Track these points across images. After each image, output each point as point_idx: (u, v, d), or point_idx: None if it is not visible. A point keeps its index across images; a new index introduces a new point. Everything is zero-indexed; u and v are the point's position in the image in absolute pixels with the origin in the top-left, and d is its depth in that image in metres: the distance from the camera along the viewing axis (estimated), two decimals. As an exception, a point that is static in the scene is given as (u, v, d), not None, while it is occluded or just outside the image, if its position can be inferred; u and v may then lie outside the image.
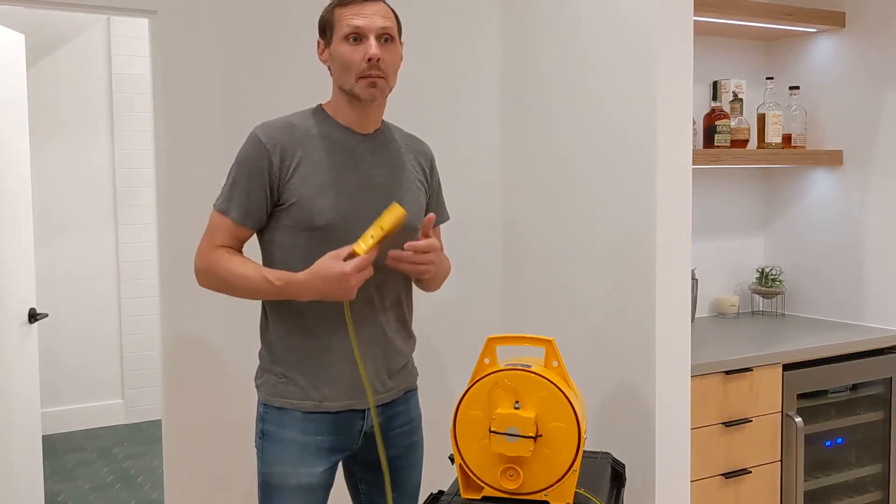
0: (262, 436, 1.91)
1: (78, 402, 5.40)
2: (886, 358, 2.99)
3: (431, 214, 1.85)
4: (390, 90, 1.91)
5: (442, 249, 2.17)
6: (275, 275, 1.81)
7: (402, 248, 1.81)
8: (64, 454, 4.89)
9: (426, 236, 1.83)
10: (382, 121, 1.99)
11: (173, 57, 2.60)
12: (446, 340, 2.96)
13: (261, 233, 1.91)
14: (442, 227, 2.21)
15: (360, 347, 1.88)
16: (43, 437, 5.13)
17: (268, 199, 1.84)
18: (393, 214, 1.76)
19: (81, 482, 4.41)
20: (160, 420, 5.06)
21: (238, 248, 1.89)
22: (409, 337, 2.04)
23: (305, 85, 2.66)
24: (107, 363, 5.46)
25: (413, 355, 2.10)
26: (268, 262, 1.90)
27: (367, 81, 1.83)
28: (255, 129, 1.86)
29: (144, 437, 5.22)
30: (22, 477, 3.19)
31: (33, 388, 3.33)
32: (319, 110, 1.93)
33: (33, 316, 3.25)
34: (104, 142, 5.39)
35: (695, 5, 2.70)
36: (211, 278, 1.87)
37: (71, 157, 5.31)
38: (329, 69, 1.91)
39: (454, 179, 2.96)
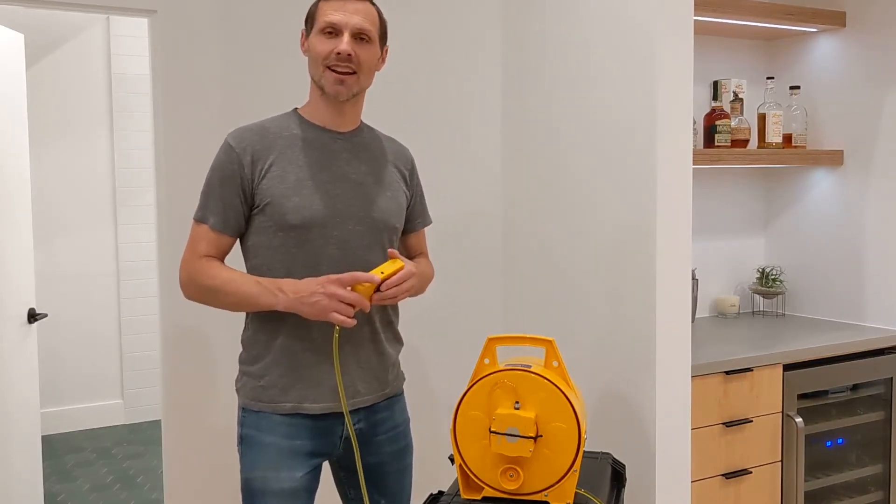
0: (242, 440, 1.89)
1: (77, 402, 5.40)
2: (887, 358, 2.99)
3: (392, 250, 1.85)
4: (361, 90, 1.89)
5: (426, 254, 2.17)
6: (262, 277, 1.82)
7: (376, 247, 1.88)
8: (63, 454, 4.89)
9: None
10: (361, 121, 1.98)
11: (173, 57, 2.59)
12: (446, 340, 2.96)
13: (241, 239, 1.90)
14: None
15: (349, 349, 1.87)
16: (42, 437, 5.14)
17: (243, 204, 1.84)
18: (395, 266, 1.79)
19: (81, 482, 4.41)
20: (160, 420, 5.06)
21: (221, 258, 1.88)
22: (397, 341, 2.03)
23: (305, 85, 2.65)
24: (106, 363, 5.46)
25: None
26: (250, 267, 1.89)
27: (335, 76, 1.83)
28: (227, 136, 1.86)
29: (144, 437, 5.22)
30: (21, 477, 3.19)
31: (33, 388, 3.33)
32: (293, 113, 1.93)
33: (33, 316, 3.25)
34: (104, 142, 5.39)
35: (695, 5, 2.70)
36: (197, 288, 1.85)
37: (71, 156, 5.31)
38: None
39: (454, 179, 2.96)
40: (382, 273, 1.77)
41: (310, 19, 1.88)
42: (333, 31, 1.82)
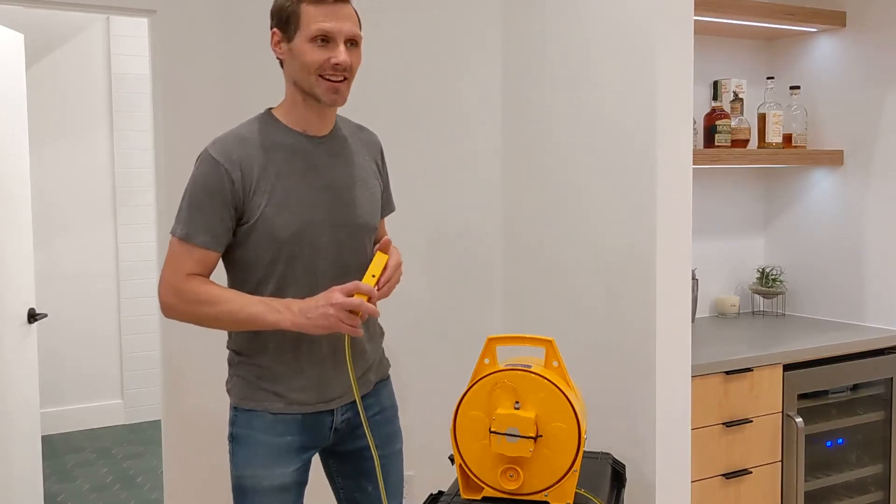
0: (233, 439, 1.89)
1: (77, 402, 5.40)
2: (887, 358, 2.98)
3: (387, 238, 1.83)
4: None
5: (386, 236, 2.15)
6: (263, 297, 1.79)
7: (361, 250, 1.88)
8: (63, 454, 4.89)
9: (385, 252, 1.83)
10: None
11: (173, 56, 2.59)
12: (446, 340, 2.96)
13: (227, 254, 1.85)
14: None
15: (328, 348, 1.87)
16: (42, 437, 5.14)
17: (232, 220, 1.78)
18: (382, 262, 1.77)
19: (81, 483, 4.41)
20: (160, 420, 5.06)
21: (208, 275, 1.81)
22: (378, 335, 2.02)
23: (305, 84, 2.66)
24: (106, 363, 5.46)
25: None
26: (235, 279, 1.86)
27: (330, 86, 1.78)
28: (207, 149, 1.80)
29: (144, 437, 5.21)
30: (21, 477, 3.19)
31: (32, 388, 3.33)
32: (269, 117, 1.87)
33: (33, 316, 3.25)
34: (104, 142, 5.39)
35: (695, 5, 2.70)
36: (187, 309, 1.78)
37: (71, 156, 5.31)
38: (281, 63, 1.86)
39: (454, 179, 2.96)
40: (374, 276, 1.75)
41: (290, 22, 1.79)
42: (326, 39, 1.77)
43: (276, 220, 1.78)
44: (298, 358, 1.85)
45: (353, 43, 1.81)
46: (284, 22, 1.80)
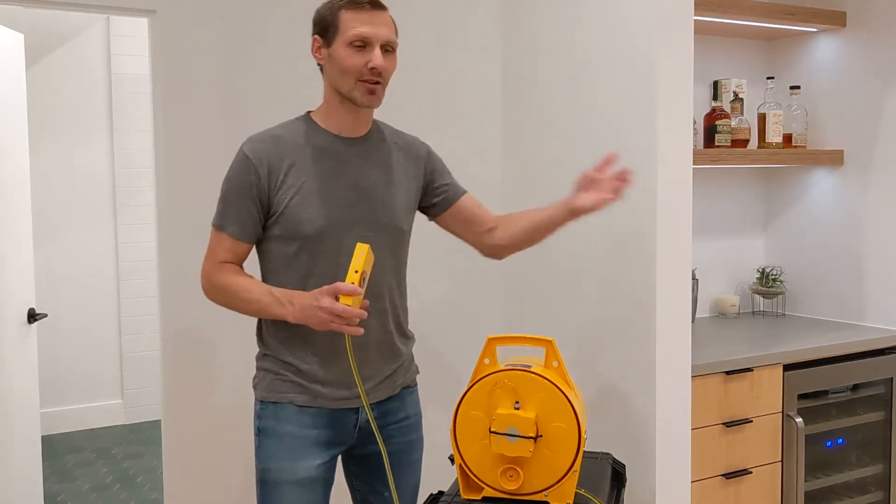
0: (259, 432, 1.93)
1: (77, 402, 5.39)
2: (887, 358, 2.99)
3: (612, 153, 1.99)
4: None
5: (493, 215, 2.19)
6: (275, 287, 1.85)
7: (387, 249, 1.91)
8: (63, 454, 4.89)
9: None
10: (373, 121, 2.00)
11: (173, 56, 2.59)
12: (447, 340, 2.96)
13: (258, 244, 1.94)
14: (441, 228, 2.18)
15: (357, 349, 1.89)
16: (42, 437, 5.14)
17: (259, 213, 1.87)
18: (362, 255, 1.72)
19: (81, 483, 4.41)
20: (160, 420, 5.06)
21: (239, 264, 1.92)
22: (406, 336, 2.05)
23: (305, 85, 2.65)
24: (106, 363, 5.46)
25: (413, 354, 2.10)
26: (266, 271, 1.93)
27: (367, 87, 1.85)
28: (242, 145, 1.89)
29: (144, 437, 5.21)
30: (21, 477, 3.19)
31: (32, 388, 3.33)
32: (307, 119, 1.94)
33: (32, 316, 3.25)
34: (103, 142, 5.39)
35: (695, 5, 2.70)
36: (217, 294, 1.90)
37: (70, 156, 5.31)
38: (320, 68, 1.92)
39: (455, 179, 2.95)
40: (357, 272, 1.71)
41: (330, 28, 1.86)
42: (363, 44, 1.83)
43: (301, 215, 1.85)
44: (316, 353, 1.90)
45: (388, 48, 1.87)
46: (325, 29, 1.88)
